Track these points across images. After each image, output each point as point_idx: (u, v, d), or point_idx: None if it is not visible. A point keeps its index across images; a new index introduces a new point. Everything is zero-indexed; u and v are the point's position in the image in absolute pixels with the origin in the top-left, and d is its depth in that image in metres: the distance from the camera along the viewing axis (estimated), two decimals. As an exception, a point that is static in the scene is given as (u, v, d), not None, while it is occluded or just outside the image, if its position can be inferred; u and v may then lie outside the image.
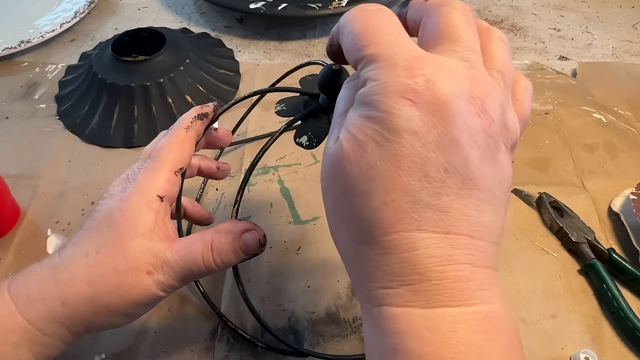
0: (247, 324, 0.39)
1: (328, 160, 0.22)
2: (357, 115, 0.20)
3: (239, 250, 0.29)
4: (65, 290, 0.27)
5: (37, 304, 0.27)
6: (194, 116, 0.31)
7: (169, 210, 0.30)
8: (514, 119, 0.22)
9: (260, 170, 0.50)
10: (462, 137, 0.19)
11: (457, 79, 0.19)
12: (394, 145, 0.19)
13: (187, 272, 0.28)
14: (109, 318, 0.28)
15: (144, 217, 0.27)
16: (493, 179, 0.20)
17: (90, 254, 0.27)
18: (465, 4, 0.22)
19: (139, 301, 0.27)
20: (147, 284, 0.27)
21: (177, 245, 0.28)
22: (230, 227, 0.29)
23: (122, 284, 0.27)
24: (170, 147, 0.29)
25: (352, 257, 0.21)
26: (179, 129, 0.30)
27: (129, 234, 0.27)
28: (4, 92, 0.59)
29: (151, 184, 0.28)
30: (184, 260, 0.28)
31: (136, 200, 0.28)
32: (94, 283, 0.27)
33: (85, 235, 0.28)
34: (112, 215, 0.28)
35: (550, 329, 0.39)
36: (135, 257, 0.27)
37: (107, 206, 0.28)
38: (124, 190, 0.28)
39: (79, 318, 0.27)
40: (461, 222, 0.19)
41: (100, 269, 0.27)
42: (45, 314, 0.27)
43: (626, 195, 0.46)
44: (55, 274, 0.27)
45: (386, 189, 0.19)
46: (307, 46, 0.66)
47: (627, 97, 0.58)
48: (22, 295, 0.27)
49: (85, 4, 0.70)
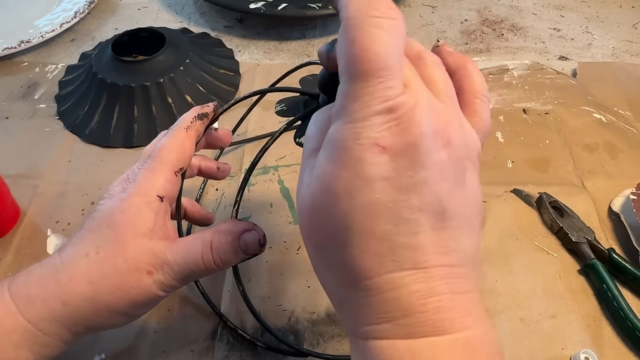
0: (247, 324, 0.39)
1: (303, 209, 0.22)
2: (327, 160, 0.20)
3: (239, 250, 0.29)
4: (66, 290, 0.27)
5: (37, 304, 0.27)
6: (194, 116, 0.31)
7: (169, 210, 0.30)
8: (472, 133, 0.22)
9: (260, 170, 0.50)
10: (433, 174, 0.19)
11: (425, 117, 0.19)
12: (367, 193, 0.19)
13: (187, 272, 0.28)
14: (109, 318, 0.28)
15: (144, 217, 0.27)
16: (464, 203, 0.21)
17: (90, 254, 0.27)
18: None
19: (139, 301, 0.27)
20: (147, 284, 0.27)
21: (177, 245, 0.28)
22: (230, 227, 0.29)
23: (122, 284, 0.27)
24: (171, 148, 0.29)
25: (337, 298, 0.22)
26: (179, 129, 0.30)
27: (129, 234, 0.27)
28: (4, 92, 0.59)
29: (151, 184, 0.28)
30: (183, 260, 0.28)
31: (136, 200, 0.28)
32: (94, 283, 0.27)
33: (86, 236, 0.28)
34: (112, 215, 0.28)
35: (550, 329, 0.39)
36: (135, 257, 0.27)
37: (107, 206, 0.28)
38: (124, 191, 0.28)
39: (79, 318, 0.27)
40: (438, 254, 0.20)
41: (100, 269, 0.27)
42: (46, 314, 0.27)
43: (626, 195, 0.46)
44: (56, 274, 0.27)
45: (363, 238, 0.20)
46: (307, 46, 0.66)
47: (627, 97, 0.58)
48: (23, 295, 0.27)
49: (85, 4, 0.70)
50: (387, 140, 0.19)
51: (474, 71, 0.25)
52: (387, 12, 0.19)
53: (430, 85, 0.22)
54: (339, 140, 0.20)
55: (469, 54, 0.65)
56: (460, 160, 0.21)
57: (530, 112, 0.56)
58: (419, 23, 0.71)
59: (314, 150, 0.22)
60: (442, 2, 0.75)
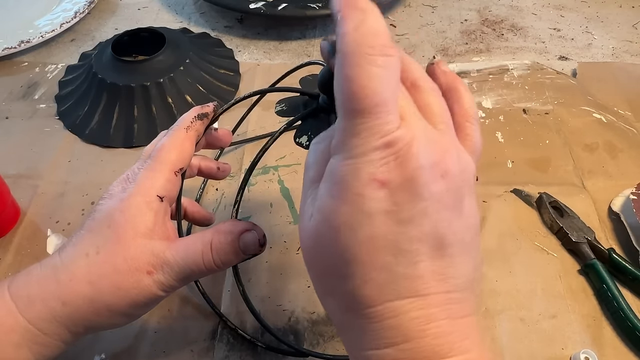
0: (247, 324, 0.39)
1: (305, 239, 0.22)
2: (328, 194, 0.21)
3: (239, 250, 0.29)
4: (66, 290, 0.27)
5: (37, 304, 0.27)
6: (194, 116, 0.31)
7: (169, 210, 0.30)
8: (467, 158, 0.22)
9: (260, 170, 0.50)
10: (431, 205, 0.20)
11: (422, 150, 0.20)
12: (367, 227, 0.20)
13: (187, 272, 0.28)
14: (109, 318, 0.28)
15: (144, 217, 0.27)
16: (462, 229, 0.21)
17: (90, 254, 0.27)
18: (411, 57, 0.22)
19: (139, 301, 0.27)
20: (147, 284, 0.27)
21: (177, 245, 0.28)
22: (230, 227, 0.29)
23: (122, 284, 0.27)
24: (171, 147, 0.29)
25: (340, 323, 0.23)
26: (179, 129, 0.30)
27: (128, 234, 0.27)
28: (4, 92, 0.59)
29: (151, 184, 0.28)
30: (183, 260, 0.28)
31: (136, 200, 0.28)
32: (94, 283, 0.27)
33: (86, 236, 0.28)
34: (112, 215, 0.28)
35: (550, 329, 0.39)
36: (135, 257, 0.27)
37: (107, 206, 0.28)
38: (124, 191, 0.28)
39: (79, 318, 0.27)
40: (437, 282, 0.20)
41: (100, 269, 0.27)
42: (46, 314, 0.27)
43: (626, 195, 0.46)
44: (56, 274, 0.27)
45: (364, 270, 0.20)
46: (307, 46, 0.66)
47: (627, 97, 0.58)
48: (23, 296, 0.27)
49: (85, 4, 0.70)
50: (386, 175, 0.20)
51: (464, 93, 0.25)
52: (383, 49, 0.19)
53: (426, 112, 0.22)
54: (339, 175, 0.20)
55: (469, 54, 0.65)
56: (458, 188, 0.21)
57: (530, 112, 0.56)
58: (419, 23, 0.71)
59: (314, 181, 0.22)
60: (442, 2, 0.75)
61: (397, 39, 0.68)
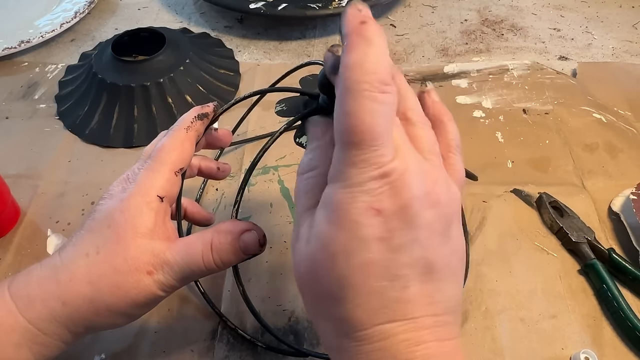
0: (247, 324, 0.39)
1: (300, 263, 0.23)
2: (325, 221, 0.22)
3: (239, 250, 0.29)
4: (66, 290, 0.27)
5: (37, 304, 0.27)
6: (194, 116, 0.31)
7: (169, 210, 0.30)
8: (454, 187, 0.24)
9: (260, 170, 0.50)
10: (422, 233, 0.21)
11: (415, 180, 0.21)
12: (362, 253, 0.21)
13: (187, 272, 0.28)
14: (109, 318, 0.28)
15: (144, 218, 0.27)
16: (450, 254, 0.22)
17: (90, 254, 0.27)
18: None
19: (139, 301, 0.27)
20: (147, 284, 0.27)
21: (177, 245, 0.28)
22: (230, 227, 0.29)
23: (122, 284, 0.27)
24: (171, 148, 0.29)
25: (331, 345, 0.23)
26: (179, 129, 0.30)
27: (128, 234, 0.27)
28: (4, 92, 0.59)
29: (151, 184, 0.28)
30: (184, 260, 0.28)
31: (136, 200, 0.28)
32: (94, 283, 0.27)
33: (86, 236, 0.28)
34: (112, 215, 0.28)
35: (550, 329, 0.39)
36: (135, 257, 0.27)
37: (107, 206, 0.28)
38: (124, 191, 0.28)
39: (79, 318, 0.27)
40: (425, 305, 0.21)
41: (100, 269, 0.27)
42: (46, 314, 0.27)
43: (626, 195, 0.46)
44: (56, 274, 0.27)
45: (357, 294, 0.21)
46: (307, 46, 0.66)
47: (627, 97, 0.58)
48: (23, 296, 0.27)
49: (85, 4, 0.70)
50: (381, 204, 0.21)
51: (449, 124, 0.27)
52: (381, 86, 0.20)
53: (417, 143, 0.23)
54: (336, 203, 0.21)
55: (469, 54, 0.65)
56: (447, 216, 0.22)
57: (530, 112, 0.56)
58: (419, 23, 0.71)
59: (309, 208, 0.23)
60: (442, 2, 0.75)
61: (397, 39, 0.68)
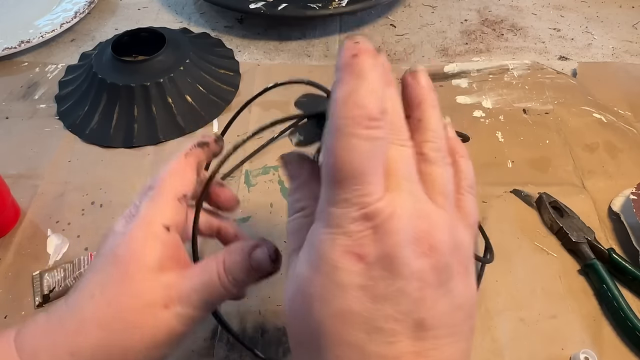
0: (247, 323, 0.39)
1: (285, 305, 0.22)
2: (305, 262, 0.20)
3: (251, 268, 0.27)
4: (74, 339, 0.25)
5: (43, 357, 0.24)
6: (193, 144, 0.30)
7: (179, 240, 0.28)
8: (464, 234, 0.21)
9: (260, 171, 0.50)
10: (410, 284, 0.19)
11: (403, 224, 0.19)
12: (340, 300, 0.19)
13: (205, 297, 0.26)
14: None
15: (150, 250, 0.26)
16: (450, 310, 0.20)
17: (95, 295, 0.25)
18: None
19: (159, 340, 0.25)
20: (166, 319, 0.25)
21: (192, 271, 0.26)
22: (241, 244, 0.28)
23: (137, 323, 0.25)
24: (171, 175, 0.28)
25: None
26: (178, 156, 0.29)
27: (134, 269, 0.25)
28: (4, 92, 0.59)
29: (155, 214, 0.26)
30: (200, 284, 0.26)
31: (140, 233, 0.26)
32: (104, 327, 0.24)
33: (90, 277, 0.26)
34: (115, 252, 0.26)
35: (550, 329, 0.39)
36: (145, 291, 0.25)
37: (110, 244, 0.26)
38: (127, 225, 0.27)
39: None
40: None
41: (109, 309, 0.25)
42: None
43: (626, 195, 0.46)
44: (62, 323, 0.25)
45: (335, 345, 0.19)
46: (307, 46, 0.66)
47: (627, 97, 0.58)
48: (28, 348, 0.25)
49: (85, 4, 0.70)
50: (363, 249, 0.19)
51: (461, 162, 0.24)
52: (368, 122, 0.19)
53: (427, 182, 0.21)
54: (317, 244, 0.20)
55: (469, 54, 0.65)
56: (446, 266, 0.20)
57: (530, 112, 0.56)
58: (419, 23, 0.71)
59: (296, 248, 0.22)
60: (442, 2, 0.75)
61: (397, 39, 0.68)
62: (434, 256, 0.19)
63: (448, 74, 0.61)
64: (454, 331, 0.20)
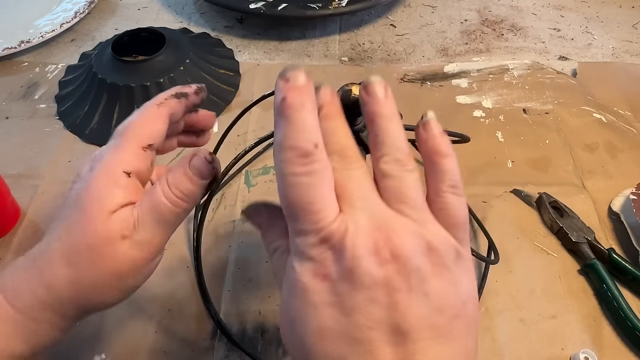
0: (247, 323, 0.39)
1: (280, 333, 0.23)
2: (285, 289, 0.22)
3: (192, 176, 0.28)
4: (47, 276, 0.27)
5: (23, 293, 0.27)
6: (171, 94, 0.30)
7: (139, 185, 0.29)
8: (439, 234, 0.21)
9: (261, 171, 0.50)
10: (377, 291, 0.20)
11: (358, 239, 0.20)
12: (315, 319, 0.20)
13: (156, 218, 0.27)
14: (99, 296, 0.27)
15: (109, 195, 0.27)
16: (428, 313, 0.20)
17: (62, 237, 0.27)
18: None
19: (123, 271, 0.27)
20: (124, 250, 0.27)
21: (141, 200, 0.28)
22: (181, 160, 0.29)
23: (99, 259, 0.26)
24: (138, 124, 0.29)
25: None
26: (150, 105, 0.29)
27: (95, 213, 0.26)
28: (4, 92, 0.59)
29: (117, 161, 0.27)
30: (148, 207, 0.27)
31: (102, 179, 0.27)
32: (72, 264, 0.27)
33: (58, 222, 0.28)
34: (79, 197, 0.27)
35: (550, 329, 0.39)
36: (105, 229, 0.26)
37: (75, 190, 0.28)
38: (91, 170, 0.28)
39: (67, 301, 0.27)
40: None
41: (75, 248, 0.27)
42: (33, 301, 0.27)
43: (626, 195, 0.46)
44: (35, 263, 0.27)
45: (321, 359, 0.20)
46: (307, 46, 0.66)
47: (627, 97, 0.58)
48: (9, 287, 0.27)
49: (85, 4, 0.70)
50: (326, 269, 0.20)
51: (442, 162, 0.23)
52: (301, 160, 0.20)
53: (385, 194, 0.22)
54: (290, 272, 0.21)
55: (469, 54, 0.65)
56: (414, 270, 0.20)
57: (530, 112, 0.56)
58: (419, 23, 0.71)
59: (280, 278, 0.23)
60: (442, 2, 0.75)
61: (397, 39, 0.68)
62: (397, 262, 0.20)
63: (448, 74, 0.61)
64: (439, 332, 0.20)
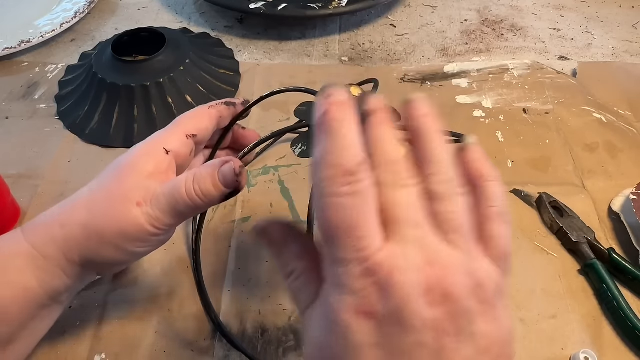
0: (247, 323, 0.39)
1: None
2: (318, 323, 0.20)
3: (217, 181, 0.29)
4: (65, 215, 0.29)
5: (40, 227, 0.29)
6: (221, 101, 0.34)
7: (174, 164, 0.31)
8: (488, 269, 0.20)
9: (261, 171, 0.50)
10: (425, 335, 0.18)
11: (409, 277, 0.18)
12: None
13: (172, 203, 0.29)
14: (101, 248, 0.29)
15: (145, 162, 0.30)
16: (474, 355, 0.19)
17: (92, 187, 0.30)
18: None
19: (129, 233, 0.29)
20: (136, 215, 0.28)
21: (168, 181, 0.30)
22: (214, 161, 0.30)
23: (112, 211, 0.29)
24: (188, 117, 0.33)
25: None
26: (202, 106, 0.34)
27: (128, 172, 0.30)
28: (4, 92, 0.59)
29: (161, 139, 0.31)
30: (169, 190, 0.29)
31: (143, 149, 0.31)
32: (90, 209, 0.29)
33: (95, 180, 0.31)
34: (120, 161, 0.31)
35: (550, 329, 0.39)
36: (129, 189, 0.29)
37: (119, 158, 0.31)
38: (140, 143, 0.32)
39: (73, 242, 0.29)
40: None
41: (97, 197, 0.30)
42: (45, 236, 0.29)
43: (626, 195, 0.46)
44: (61, 206, 0.30)
45: None
46: (307, 46, 0.66)
47: (627, 97, 0.58)
48: (30, 224, 0.30)
49: (85, 4, 0.70)
50: (371, 307, 0.18)
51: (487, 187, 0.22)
52: (345, 178, 0.19)
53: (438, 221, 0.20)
54: (325, 305, 0.20)
55: (469, 54, 0.65)
56: (464, 311, 0.19)
57: (530, 111, 0.56)
58: (419, 23, 0.71)
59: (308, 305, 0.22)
60: (442, 2, 0.75)
61: (397, 39, 0.68)
62: (448, 303, 0.18)
63: (448, 74, 0.61)
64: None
